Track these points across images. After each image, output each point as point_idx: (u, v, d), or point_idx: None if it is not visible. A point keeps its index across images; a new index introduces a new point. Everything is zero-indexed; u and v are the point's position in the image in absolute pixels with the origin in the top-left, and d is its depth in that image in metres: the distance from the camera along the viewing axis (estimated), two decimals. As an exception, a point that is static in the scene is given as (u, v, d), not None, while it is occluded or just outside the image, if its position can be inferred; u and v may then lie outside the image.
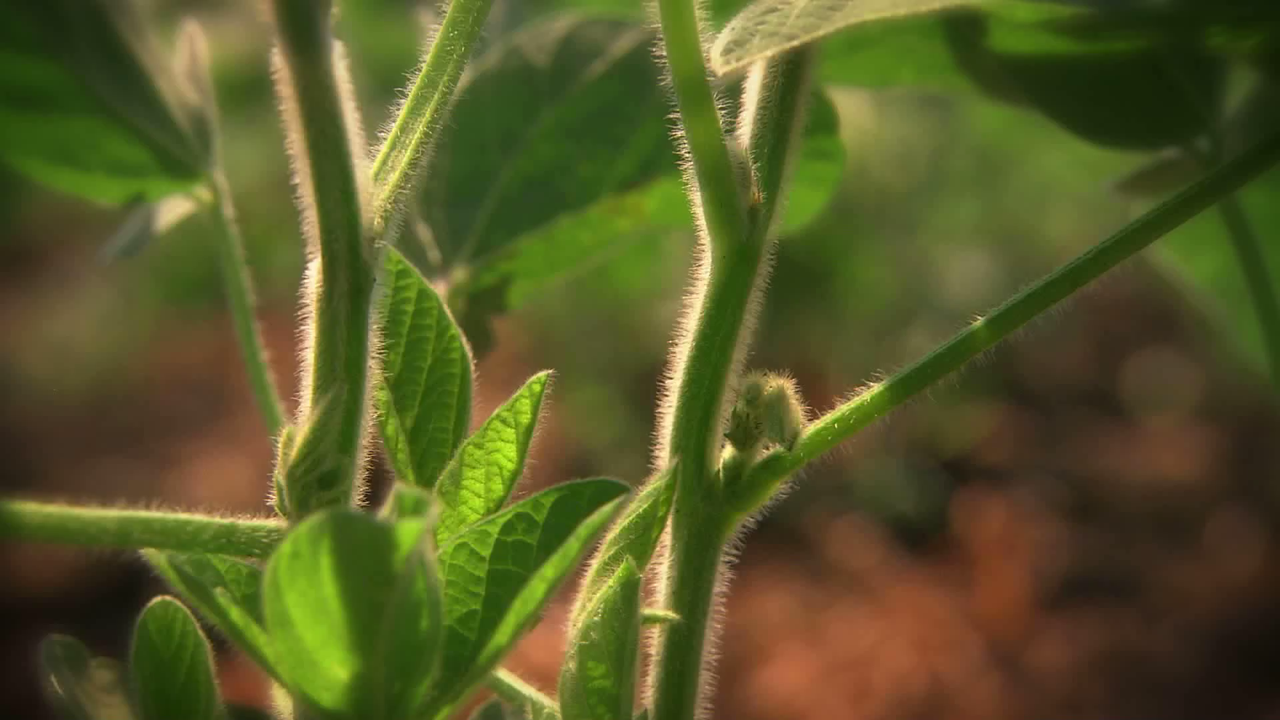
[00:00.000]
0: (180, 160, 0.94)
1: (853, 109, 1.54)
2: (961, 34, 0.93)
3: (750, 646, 1.78)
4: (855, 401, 0.86)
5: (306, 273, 0.81)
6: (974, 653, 1.80)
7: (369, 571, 0.72)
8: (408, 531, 0.70)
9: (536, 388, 0.82)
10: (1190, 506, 2.28)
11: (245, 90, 2.36)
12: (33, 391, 2.83)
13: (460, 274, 0.98)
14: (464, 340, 0.86)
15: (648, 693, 0.87)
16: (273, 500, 0.81)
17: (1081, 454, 2.47)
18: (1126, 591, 2.01)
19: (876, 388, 0.86)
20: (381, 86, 2.18)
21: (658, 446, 0.89)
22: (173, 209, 0.98)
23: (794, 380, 0.85)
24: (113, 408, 2.74)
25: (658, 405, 0.92)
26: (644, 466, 2.20)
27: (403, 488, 0.81)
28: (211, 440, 2.44)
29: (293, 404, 0.86)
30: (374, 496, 0.83)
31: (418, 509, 0.75)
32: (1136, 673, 1.80)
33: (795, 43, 0.77)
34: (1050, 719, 1.68)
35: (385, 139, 0.84)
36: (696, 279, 0.88)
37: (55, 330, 2.91)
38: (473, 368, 0.87)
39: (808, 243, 2.14)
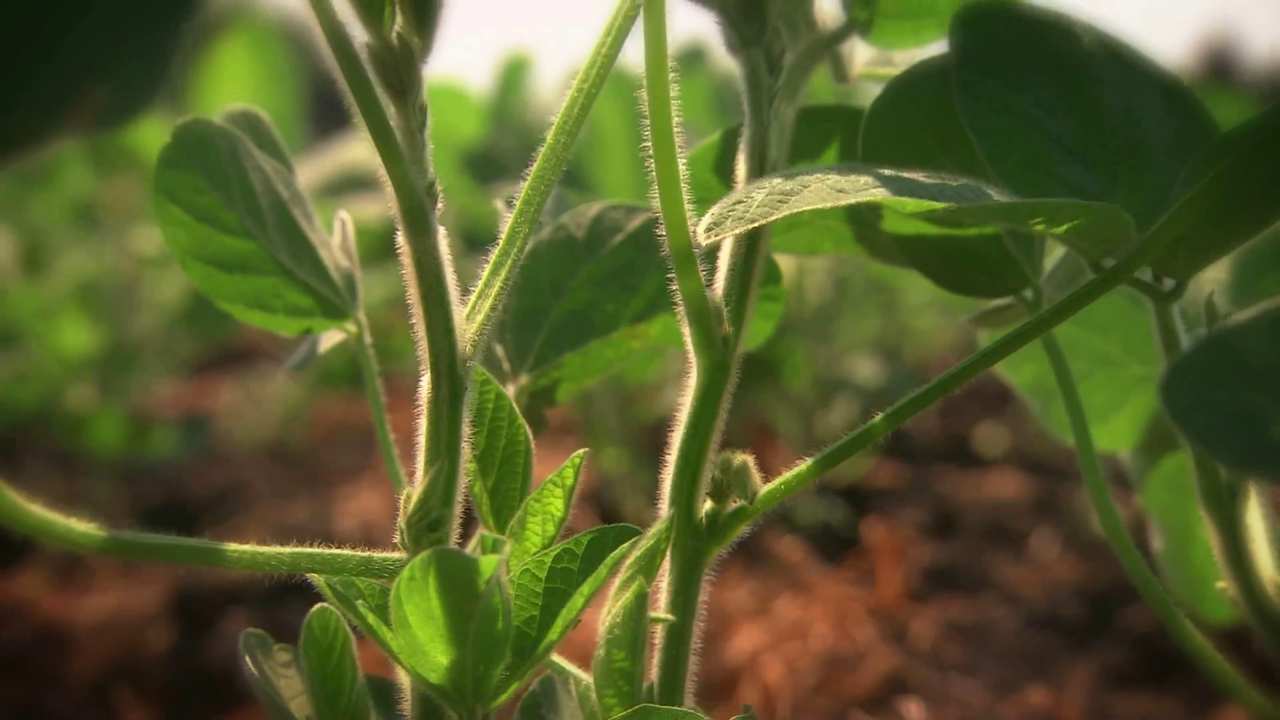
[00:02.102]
0: (336, 306, 0.94)
1: (787, 257, 1.54)
2: (864, 219, 0.93)
3: (722, 624, 1.77)
4: (794, 472, 0.85)
5: (421, 383, 0.80)
6: (873, 627, 1.78)
7: (462, 590, 0.71)
8: (488, 563, 0.69)
9: (577, 460, 0.80)
10: (1017, 524, 2.27)
11: (380, 242, 2.35)
12: (240, 445, 2.82)
13: (524, 380, 0.97)
14: (526, 427, 0.85)
15: (653, 670, 0.86)
16: (396, 538, 0.80)
17: (943, 487, 2.46)
18: (974, 583, 1.99)
19: (808, 463, 0.85)
20: (469, 241, 2.19)
21: (659, 485, 0.88)
22: (330, 337, 0.97)
23: (751, 443, 0.85)
24: (289, 458, 2.73)
25: (657, 455, 0.92)
26: (645, 491, 2.18)
27: (485, 532, 0.80)
28: (357, 482, 2.42)
29: (410, 465, 0.85)
30: (466, 534, 0.82)
31: (495, 548, 0.75)
32: (981, 639, 1.79)
33: (755, 225, 0.77)
34: (922, 671, 1.66)
35: (474, 290, 0.83)
36: (686, 385, 0.87)
37: (254, 404, 2.91)
38: (533, 445, 0.86)
39: (761, 346, 2.14)
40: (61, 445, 2.48)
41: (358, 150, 2.47)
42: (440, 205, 0.79)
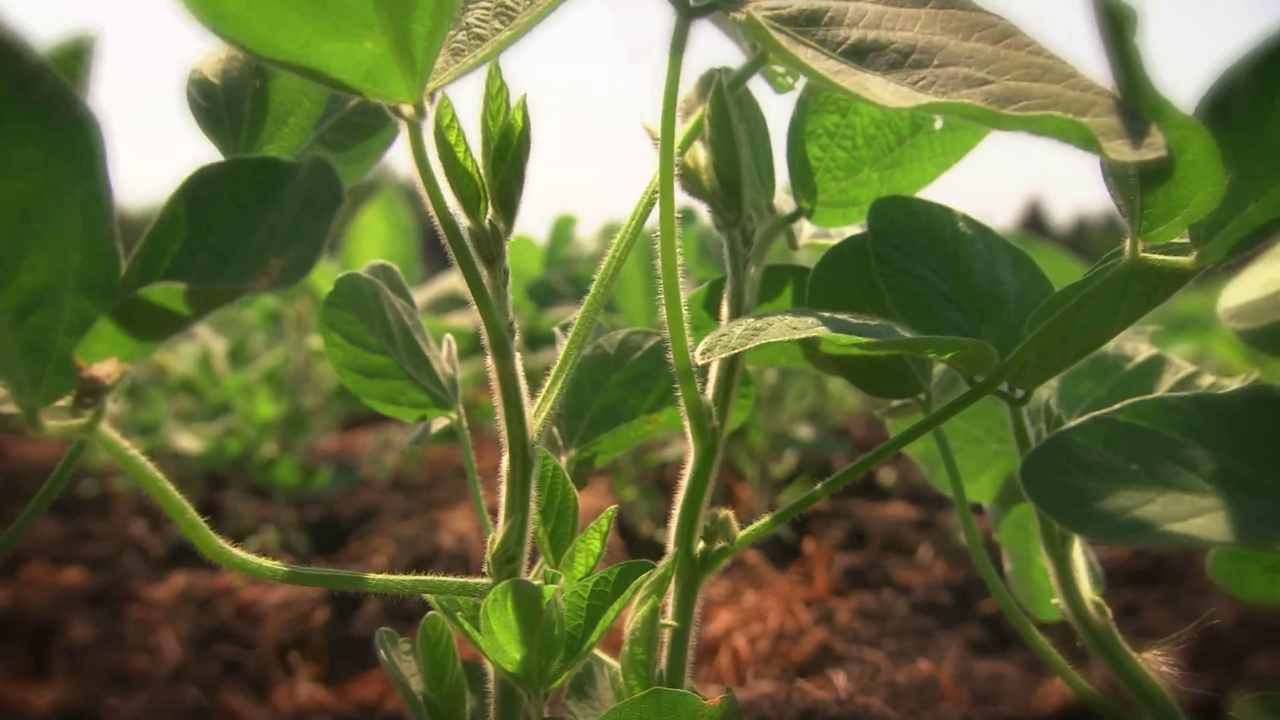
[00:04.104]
0: (443, 400, 0.92)
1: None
2: (809, 344, 0.91)
3: (705, 610, 1.73)
4: (758, 524, 0.83)
5: (502, 461, 0.78)
6: (809, 613, 1.76)
7: (529, 607, 0.69)
8: (548, 590, 0.68)
9: (610, 513, 0.78)
10: (907, 538, 2.24)
11: (471, 340, 2.34)
12: (374, 480, 2.80)
13: (572, 453, 0.96)
14: (574, 486, 0.83)
15: (663, 660, 0.84)
16: (484, 568, 0.78)
17: (856, 512, 2.43)
18: (878, 581, 1.97)
19: (766, 519, 0.84)
20: (531, 342, 2.19)
21: (663, 513, 0.87)
22: (439, 422, 0.96)
23: (724, 482, 0.84)
24: (408, 490, 2.71)
25: (662, 489, 0.91)
26: (653, 516, 2.15)
27: (547, 568, 0.78)
28: (454, 508, 2.40)
29: (489, 493, 0.84)
30: (533, 561, 0.81)
31: (553, 579, 0.73)
32: (883, 620, 1.76)
33: (736, 350, 0.75)
34: (843, 644, 1.64)
35: (540, 395, 0.82)
36: (686, 458, 0.85)
37: (385, 451, 2.88)
38: (579, 500, 0.84)
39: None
40: (256, 481, 2.47)
41: (455, 280, 2.48)
42: (518, 340, 0.78)
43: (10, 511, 2.45)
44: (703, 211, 0.94)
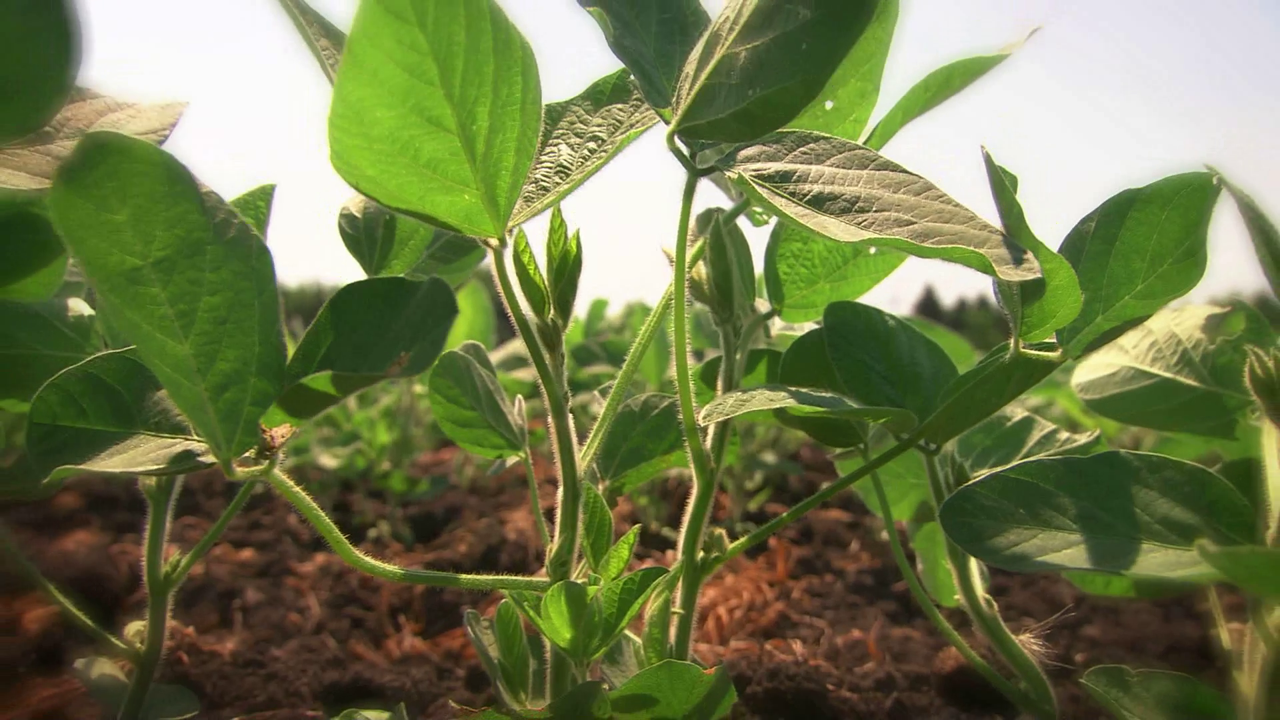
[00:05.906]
0: (514, 443, 0.90)
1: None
2: (781, 410, 0.89)
3: (698, 590, 1.71)
4: (742, 540, 0.82)
5: (558, 491, 0.77)
6: (772, 591, 1.73)
7: (577, 601, 0.67)
8: (590, 589, 0.66)
9: (637, 529, 0.77)
10: (843, 535, 2.20)
11: (531, 388, 2.31)
12: (459, 486, 2.77)
13: (607, 483, 0.94)
14: (608, 509, 0.81)
15: (672, 638, 0.82)
16: (544, 569, 0.76)
17: (807, 516, 2.39)
18: (822, 568, 1.93)
19: (747, 537, 0.82)
20: (574, 387, 2.17)
21: (667, 516, 0.85)
22: (512, 458, 0.94)
23: (715, 504, 0.82)
24: (482, 494, 2.68)
25: (666, 498, 0.88)
26: (659, 519, 2.11)
27: (588, 570, 0.76)
28: (517, 509, 2.37)
29: (545, 498, 0.82)
30: (579, 559, 0.78)
31: (594, 582, 0.71)
32: (825, 597, 1.73)
33: (728, 416, 0.73)
34: (796, 615, 1.60)
35: (586, 444, 0.80)
36: (691, 492, 0.84)
37: (466, 464, 2.85)
38: (611, 517, 0.82)
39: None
40: (375, 487, 2.45)
41: (521, 346, 2.47)
42: (570, 405, 0.77)
43: (204, 505, 2.43)
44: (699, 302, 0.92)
